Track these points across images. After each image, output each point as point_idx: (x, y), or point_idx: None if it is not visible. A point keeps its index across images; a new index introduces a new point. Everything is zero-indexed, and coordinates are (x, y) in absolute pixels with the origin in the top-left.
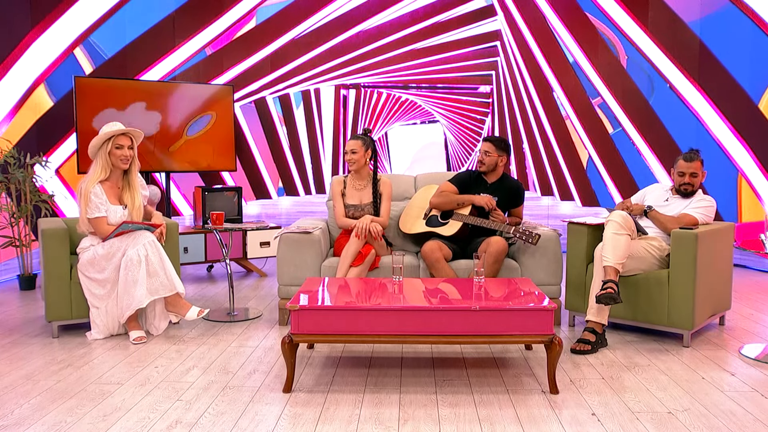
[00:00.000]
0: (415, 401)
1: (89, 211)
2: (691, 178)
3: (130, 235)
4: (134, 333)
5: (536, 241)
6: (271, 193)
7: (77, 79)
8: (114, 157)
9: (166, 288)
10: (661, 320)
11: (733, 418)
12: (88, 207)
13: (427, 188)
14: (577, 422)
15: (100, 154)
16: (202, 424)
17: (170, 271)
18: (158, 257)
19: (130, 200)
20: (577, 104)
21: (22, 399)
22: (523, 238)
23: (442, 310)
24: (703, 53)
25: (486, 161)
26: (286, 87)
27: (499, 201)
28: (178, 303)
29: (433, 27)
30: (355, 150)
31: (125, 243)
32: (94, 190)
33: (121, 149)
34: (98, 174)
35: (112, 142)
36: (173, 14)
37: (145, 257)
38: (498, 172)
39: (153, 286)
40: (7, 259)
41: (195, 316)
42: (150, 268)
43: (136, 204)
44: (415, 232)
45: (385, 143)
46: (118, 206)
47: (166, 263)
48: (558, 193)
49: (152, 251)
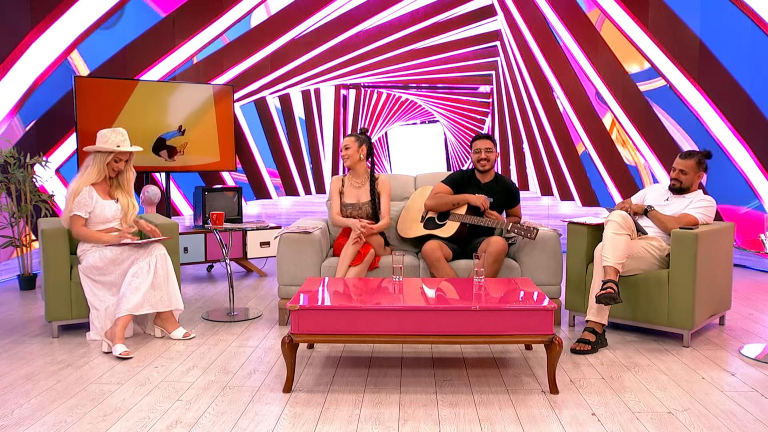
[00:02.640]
0: (415, 401)
1: (74, 208)
2: (680, 174)
3: (142, 246)
4: (120, 347)
5: (534, 235)
6: (271, 193)
7: (77, 79)
8: (109, 167)
9: (164, 304)
10: (661, 320)
11: (733, 418)
12: (73, 203)
13: (423, 190)
14: (577, 422)
15: (99, 159)
16: (202, 424)
17: (173, 288)
18: (165, 271)
19: (122, 197)
20: (577, 104)
21: (22, 399)
22: (521, 233)
23: (442, 310)
24: (703, 53)
25: (491, 159)
26: (286, 87)
27: (494, 201)
28: (169, 319)
29: (433, 27)
30: (347, 146)
31: (138, 252)
32: (87, 190)
33: (119, 162)
34: (93, 176)
35: (113, 156)
36: (173, 14)
37: (154, 268)
38: (491, 172)
39: (153, 299)
40: (7, 259)
41: (179, 336)
42: (156, 280)
43: (129, 202)
44: (413, 236)
45: (385, 143)
46: (110, 200)
47: (171, 279)
48: (558, 193)
49: (161, 264)
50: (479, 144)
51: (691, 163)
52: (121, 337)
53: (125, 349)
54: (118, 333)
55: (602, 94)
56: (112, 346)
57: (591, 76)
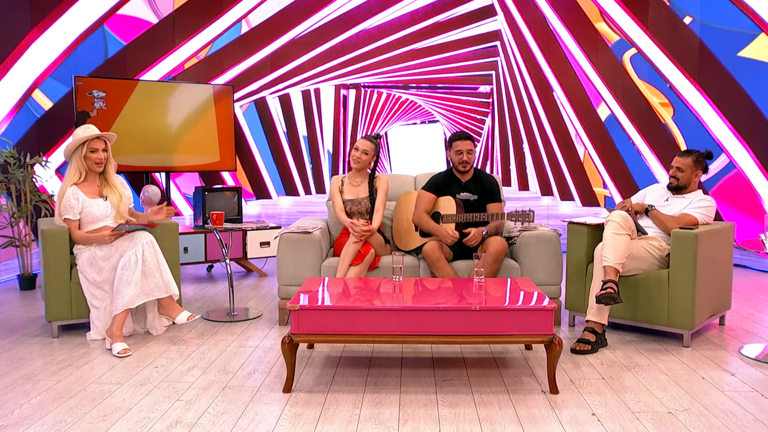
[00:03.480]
0: (415, 401)
1: (62, 212)
2: (677, 172)
3: (127, 237)
4: (119, 345)
5: (532, 217)
6: (271, 193)
7: (77, 80)
8: (89, 160)
9: (161, 289)
10: (661, 320)
11: (733, 418)
12: (61, 207)
13: (407, 196)
14: (577, 422)
15: (75, 157)
16: (202, 424)
17: (166, 273)
18: (155, 258)
19: (112, 194)
20: (577, 104)
21: (22, 399)
22: (518, 219)
23: (442, 310)
24: (703, 53)
25: (470, 160)
26: (286, 87)
27: (476, 198)
28: (171, 305)
29: (433, 27)
30: (367, 151)
31: (124, 244)
32: (71, 191)
33: (96, 152)
34: (73, 176)
35: (86, 146)
36: (173, 14)
37: (141, 257)
38: (470, 170)
39: (148, 287)
40: (7, 259)
41: (184, 320)
42: (146, 268)
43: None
44: (413, 248)
45: (385, 143)
46: (99, 199)
47: (162, 265)
48: (558, 193)
49: (149, 252)
50: (461, 145)
51: (689, 161)
52: (120, 335)
53: (124, 346)
54: (116, 331)
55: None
56: (111, 345)
57: (591, 76)
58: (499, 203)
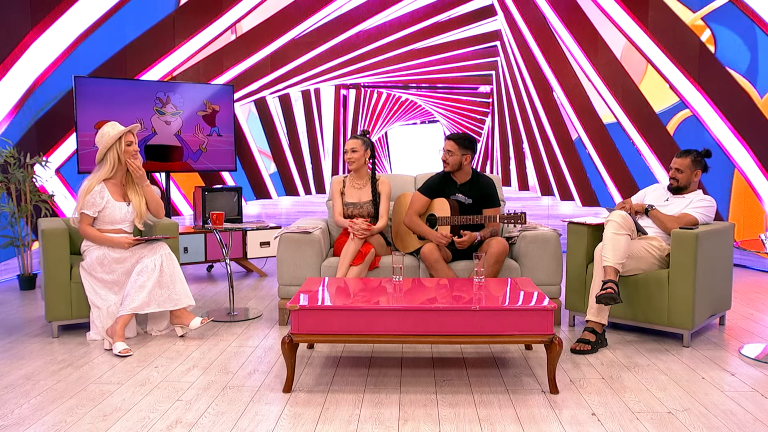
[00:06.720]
0: (415, 401)
1: (84, 205)
2: (676, 173)
3: (146, 246)
4: (120, 345)
5: (524, 218)
6: (270, 193)
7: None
8: (126, 153)
9: (172, 302)
10: (660, 320)
11: (733, 418)
12: (84, 200)
13: (404, 197)
14: (577, 422)
15: (111, 152)
16: (202, 424)
17: (180, 286)
18: (172, 270)
19: (134, 196)
20: (577, 104)
21: (22, 399)
22: (510, 221)
23: (442, 310)
24: (703, 53)
25: (450, 161)
26: (286, 87)
27: (471, 202)
28: (183, 314)
29: (433, 27)
30: (355, 149)
31: (142, 251)
32: (99, 188)
33: (131, 145)
34: (107, 172)
35: (123, 140)
36: (173, 14)
37: (159, 267)
38: (467, 171)
39: (161, 297)
40: (7, 259)
41: (198, 325)
42: (162, 279)
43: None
44: (412, 250)
45: (385, 143)
46: (122, 203)
47: (178, 277)
48: (558, 193)
49: (167, 263)
50: (444, 145)
51: (687, 162)
52: (122, 335)
53: (125, 346)
54: (119, 331)
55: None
56: (112, 344)
57: (591, 76)
58: (497, 208)
